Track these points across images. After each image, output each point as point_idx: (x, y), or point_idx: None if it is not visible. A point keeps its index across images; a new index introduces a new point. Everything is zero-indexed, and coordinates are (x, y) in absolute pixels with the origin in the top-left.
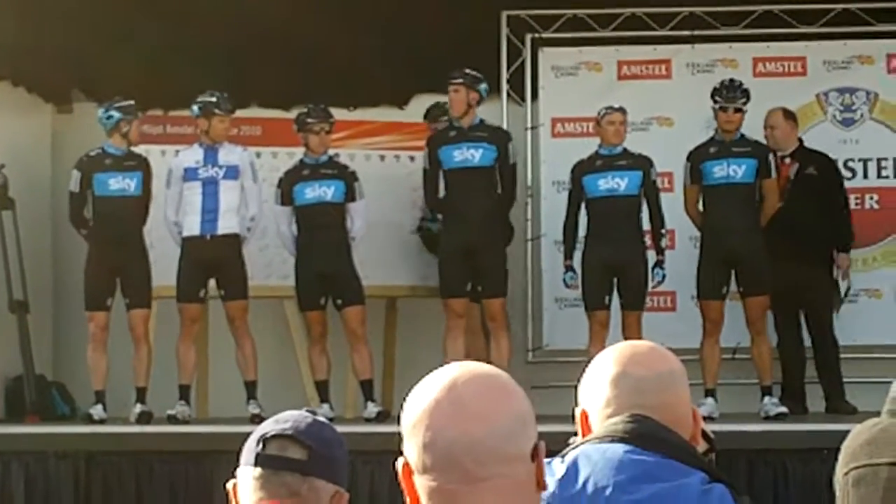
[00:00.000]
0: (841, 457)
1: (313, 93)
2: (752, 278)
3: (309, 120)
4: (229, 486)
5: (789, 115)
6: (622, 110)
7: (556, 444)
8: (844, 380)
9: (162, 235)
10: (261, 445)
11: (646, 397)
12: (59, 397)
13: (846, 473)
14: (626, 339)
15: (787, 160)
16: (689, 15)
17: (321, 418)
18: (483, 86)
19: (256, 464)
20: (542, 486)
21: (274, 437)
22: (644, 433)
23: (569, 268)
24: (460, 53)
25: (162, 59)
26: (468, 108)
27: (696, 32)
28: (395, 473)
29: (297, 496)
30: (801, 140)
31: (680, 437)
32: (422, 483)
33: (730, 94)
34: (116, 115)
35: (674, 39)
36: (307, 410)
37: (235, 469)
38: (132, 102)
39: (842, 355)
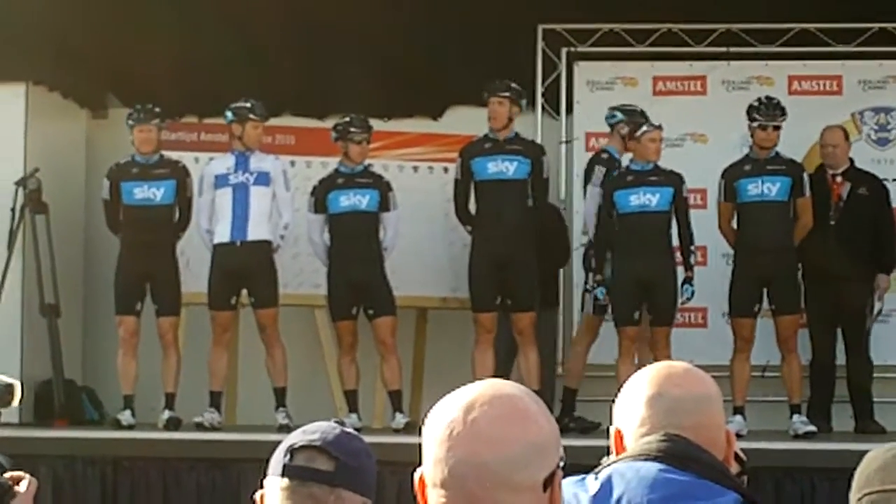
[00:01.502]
0: (855, 482)
1: (347, 103)
2: (785, 297)
3: (352, 129)
4: (257, 496)
5: (846, 135)
6: (660, 127)
7: (585, 457)
8: (874, 399)
9: (193, 242)
10: (289, 456)
11: (681, 418)
12: (89, 402)
13: (859, 499)
14: (654, 354)
15: (839, 179)
16: (725, 32)
17: (350, 430)
18: (524, 101)
19: (284, 474)
20: None
21: (302, 447)
22: (678, 452)
23: (600, 283)
24: (496, 66)
25: (197, 66)
26: (508, 121)
27: (732, 49)
28: (412, 484)
29: None
30: (851, 160)
31: (714, 457)
32: (433, 497)
33: (769, 112)
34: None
35: (710, 56)
36: (335, 421)
37: (263, 478)
38: (132, 111)
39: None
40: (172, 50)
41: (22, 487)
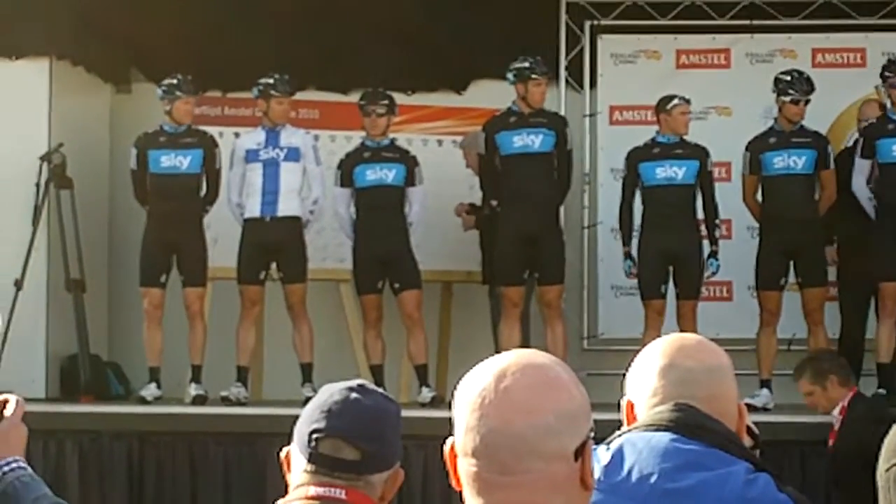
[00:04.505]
0: (883, 452)
1: (371, 77)
2: (811, 269)
3: (362, 103)
4: (283, 453)
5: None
6: (689, 101)
7: (610, 433)
8: None
9: (219, 216)
10: (314, 443)
11: (692, 389)
12: (114, 377)
13: (888, 469)
14: (681, 328)
15: None
16: (748, 4)
17: (369, 388)
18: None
19: (310, 460)
20: (587, 485)
21: (326, 436)
22: (689, 422)
23: (627, 255)
24: (519, 40)
25: (221, 40)
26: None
27: (756, 22)
28: (442, 454)
29: (353, 486)
30: None
31: (725, 426)
32: (464, 466)
33: (802, 87)
34: (159, 93)
35: (733, 29)
36: (358, 385)
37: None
38: (174, 81)
39: None
40: (196, 24)
41: (8, 411)
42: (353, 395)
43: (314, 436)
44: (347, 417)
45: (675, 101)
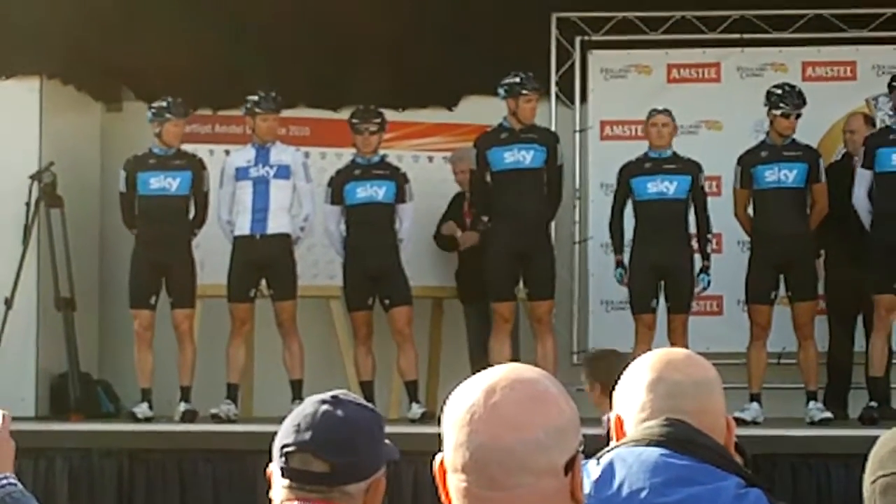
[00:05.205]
0: (869, 464)
1: (362, 93)
2: (802, 283)
3: (353, 121)
4: (269, 470)
5: (869, 120)
6: (667, 112)
7: (599, 448)
8: (892, 386)
9: (208, 235)
10: (284, 458)
11: (681, 402)
12: (104, 395)
13: (874, 482)
14: (671, 342)
15: None
16: (739, 18)
17: (341, 397)
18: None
19: (283, 475)
20: (577, 500)
21: (296, 451)
22: (680, 437)
23: (619, 263)
24: (510, 55)
25: (211, 58)
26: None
27: (746, 36)
28: (431, 470)
29: (329, 498)
30: None
31: (715, 441)
32: (453, 482)
33: (794, 101)
34: (149, 115)
35: (723, 43)
36: (331, 397)
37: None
38: (164, 104)
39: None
40: (186, 42)
41: None
42: (324, 407)
43: (284, 450)
44: (316, 430)
45: (650, 113)
